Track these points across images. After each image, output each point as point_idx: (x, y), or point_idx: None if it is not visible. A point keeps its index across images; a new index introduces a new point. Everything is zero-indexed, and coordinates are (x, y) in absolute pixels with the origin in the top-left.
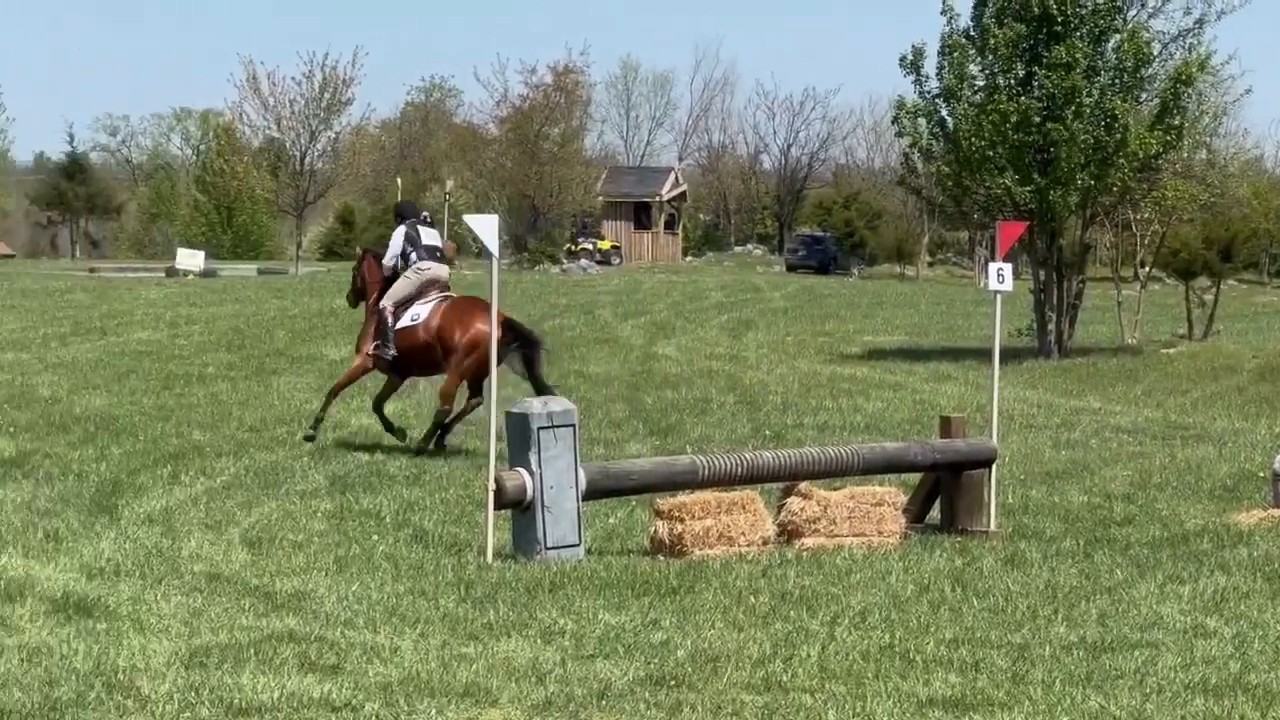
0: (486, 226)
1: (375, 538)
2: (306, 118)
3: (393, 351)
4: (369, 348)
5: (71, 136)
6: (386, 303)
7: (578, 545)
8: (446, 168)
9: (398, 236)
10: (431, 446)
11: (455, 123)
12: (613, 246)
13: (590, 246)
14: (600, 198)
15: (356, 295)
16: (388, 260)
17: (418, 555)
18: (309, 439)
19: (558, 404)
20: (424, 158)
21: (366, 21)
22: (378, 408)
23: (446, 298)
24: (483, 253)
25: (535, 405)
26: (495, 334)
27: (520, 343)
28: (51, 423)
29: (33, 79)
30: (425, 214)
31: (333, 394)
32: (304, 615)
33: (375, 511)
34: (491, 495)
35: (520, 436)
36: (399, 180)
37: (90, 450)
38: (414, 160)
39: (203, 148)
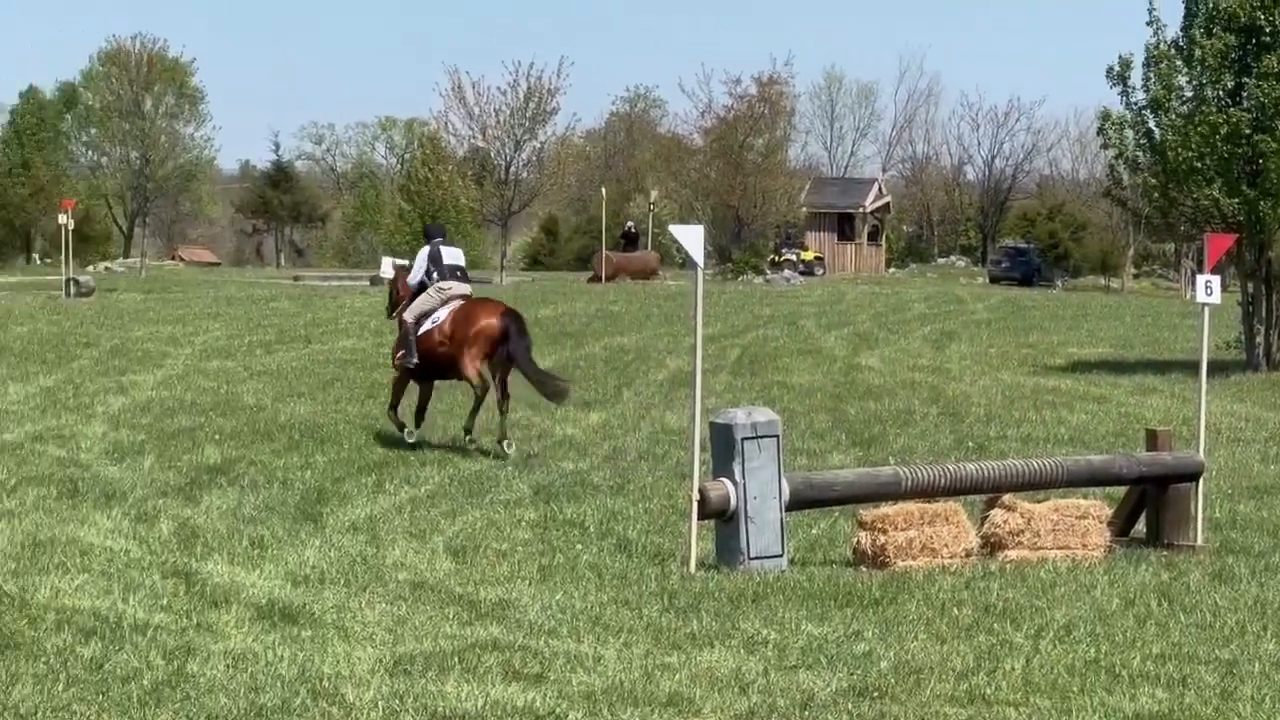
0: (692, 237)
1: (579, 547)
2: (511, 127)
3: (415, 359)
4: (397, 357)
5: (277, 145)
6: (409, 315)
7: (781, 556)
8: (651, 178)
9: (422, 256)
10: (474, 433)
11: (659, 133)
12: (816, 257)
13: (794, 257)
14: (804, 209)
15: (391, 308)
16: (412, 278)
17: (621, 564)
18: (413, 445)
19: (762, 414)
20: (628, 168)
21: (572, 31)
22: (418, 414)
23: (464, 298)
24: (687, 263)
25: (739, 415)
26: (701, 349)
27: (512, 340)
28: (257, 430)
29: (239, 87)
30: (444, 235)
31: (392, 408)
32: (508, 624)
33: (579, 521)
34: (695, 505)
35: (724, 447)
36: (603, 191)
37: (295, 458)
38: (618, 170)
39: (407, 156)
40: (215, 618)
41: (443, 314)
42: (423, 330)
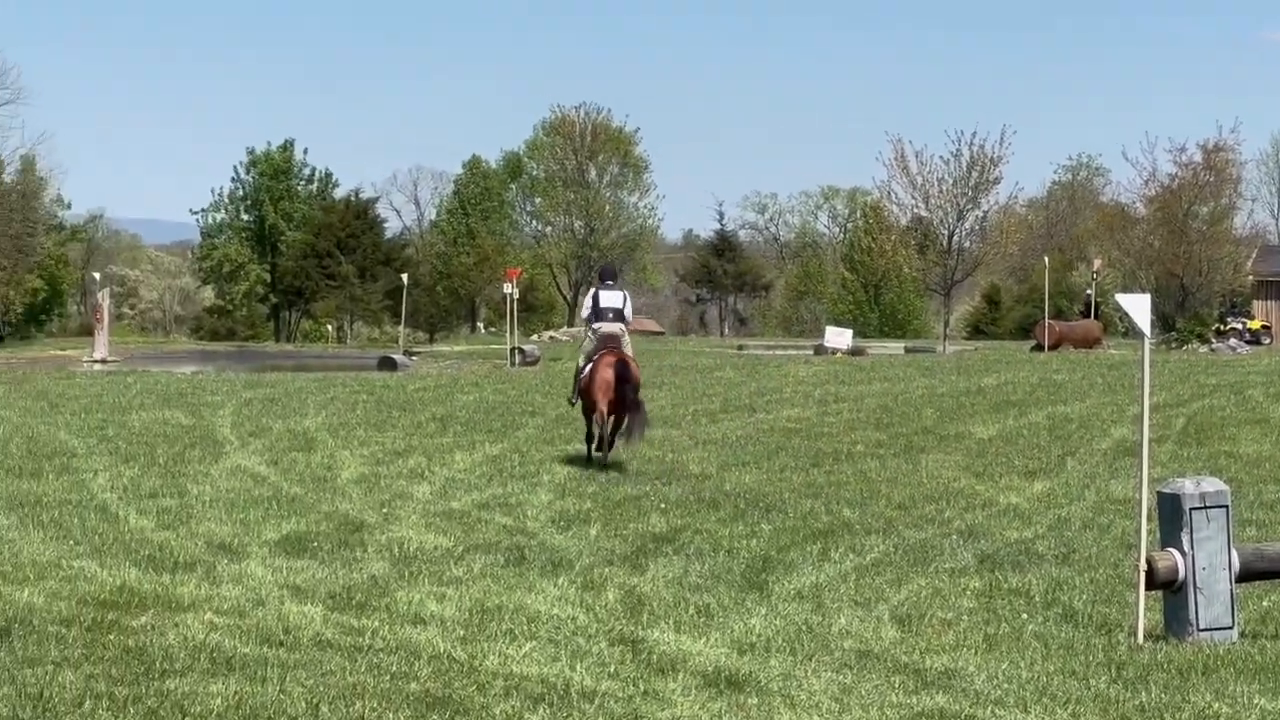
0: (1138, 306)
1: (1024, 616)
2: (954, 196)
3: (575, 399)
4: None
5: (721, 214)
6: (580, 358)
7: (1231, 628)
8: (1093, 247)
9: (587, 299)
10: (606, 457)
11: (1102, 201)
12: (1263, 326)
13: (1240, 326)
14: (1250, 277)
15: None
16: (579, 319)
17: (1067, 634)
18: (602, 465)
19: (1210, 484)
20: (1070, 236)
21: (1015, 100)
22: (588, 439)
23: (605, 354)
24: (1131, 331)
25: (1187, 485)
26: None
27: (625, 390)
28: (702, 499)
29: (682, 157)
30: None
31: (589, 439)
32: (953, 693)
33: (1024, 590)
34: (1143, 576)
35: (1172, 517)
36: (1046, 259)
37: (740, 526)
38: (1060, 239)
39: (850, 225)
40: (662, 685)
41: (589, 366)
42: (583, 370)
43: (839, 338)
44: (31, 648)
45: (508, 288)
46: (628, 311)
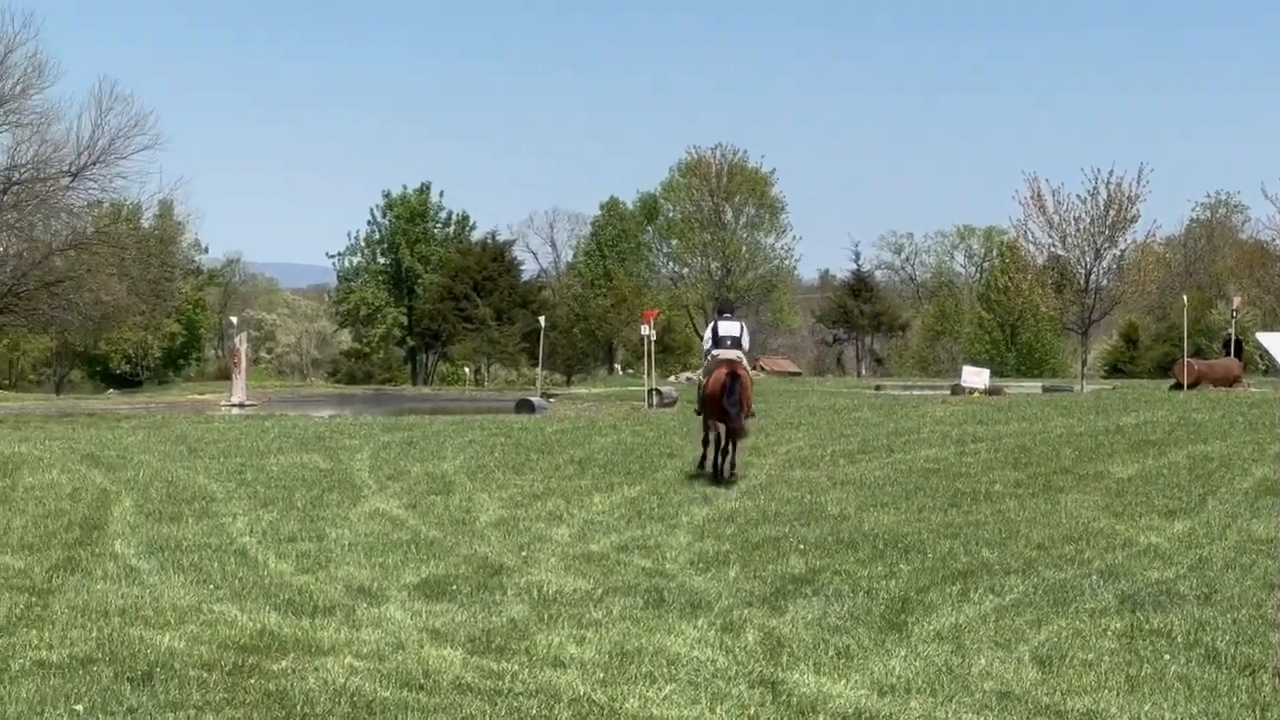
0: (1278, 344)
1: (1166, 657)
2: (1092, 235)
3: (698, 411)
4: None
5: (857, 254)
6: (701, 374)
7: None
8: (1233, 284)
9: (708, 330)
10: (728, 472)
11: (1241, 238)
12: None
13: None
14: None
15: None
16: (704, 344)
17: (1210, 675)
18: (714, 479)
19: None
20: (1209, 274)
21: (1151, 137)
22: (704, 444)
23: (726, 363)
24: (1271, 369)
25: None
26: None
27: (728, 396)
28: (840, 540)
29: (818, 198)
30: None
31: (704, 442)
32: None
33: (1166, 630)
34: None
35: None
36: (1184, 298)
37: (879, 567)
38: (1199, 276)
39: (986, 265)
40: None
41: (709, 376)
42: (704, 386)
43: (976, 377)
44: (174, 692)
45: (645, 329)
46: (745, 340)
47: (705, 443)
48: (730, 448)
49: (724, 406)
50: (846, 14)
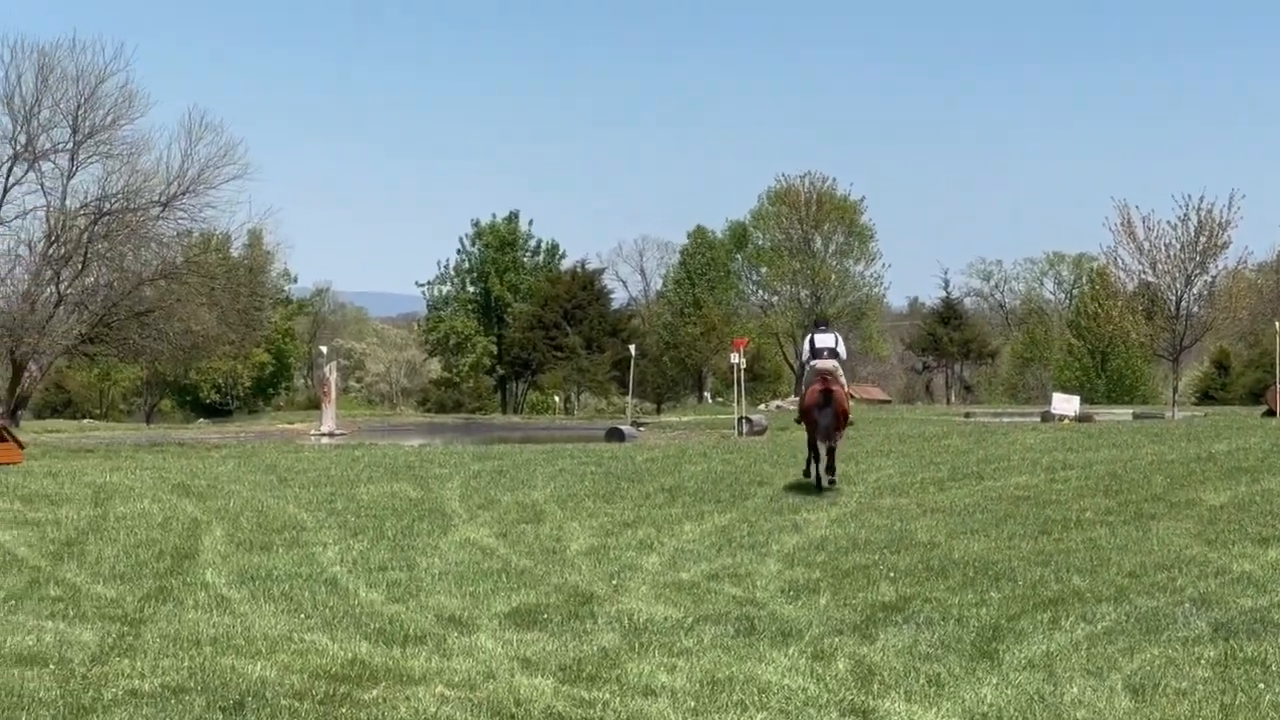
0: None
1: (1261, 686)
2: (1182, 261)
3: (799, 419)
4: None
5: (946, 282)
6: (802, 387)
7: None
8: None
9: (805, 343)
10: (825, 480)
11: None
12: None
13: None
14: None
15: (799, 382)
16: (802, 356)
17: None
18: (817, 487)
19: None
20: None
21: (1244, 162)
22: (810, 444)
23: (823, 373)
24: None
25: None
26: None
27: (827, 405)
28: (930, 567)
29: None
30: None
31: (810, 446)
32: None
33: (1260, 659)
34: None
35: None
36: (1277, 324)
37: (970, 595)
38: None
39: (1076, 291)
40: None
41: (807, 388)
42: (803, 398)
43: (1066, 404)
44: None
45: (735, 357)
46: (841, 350)
47: (812, 445)
48: (828, 455)
49: (816, 418)
50: (934, 45)
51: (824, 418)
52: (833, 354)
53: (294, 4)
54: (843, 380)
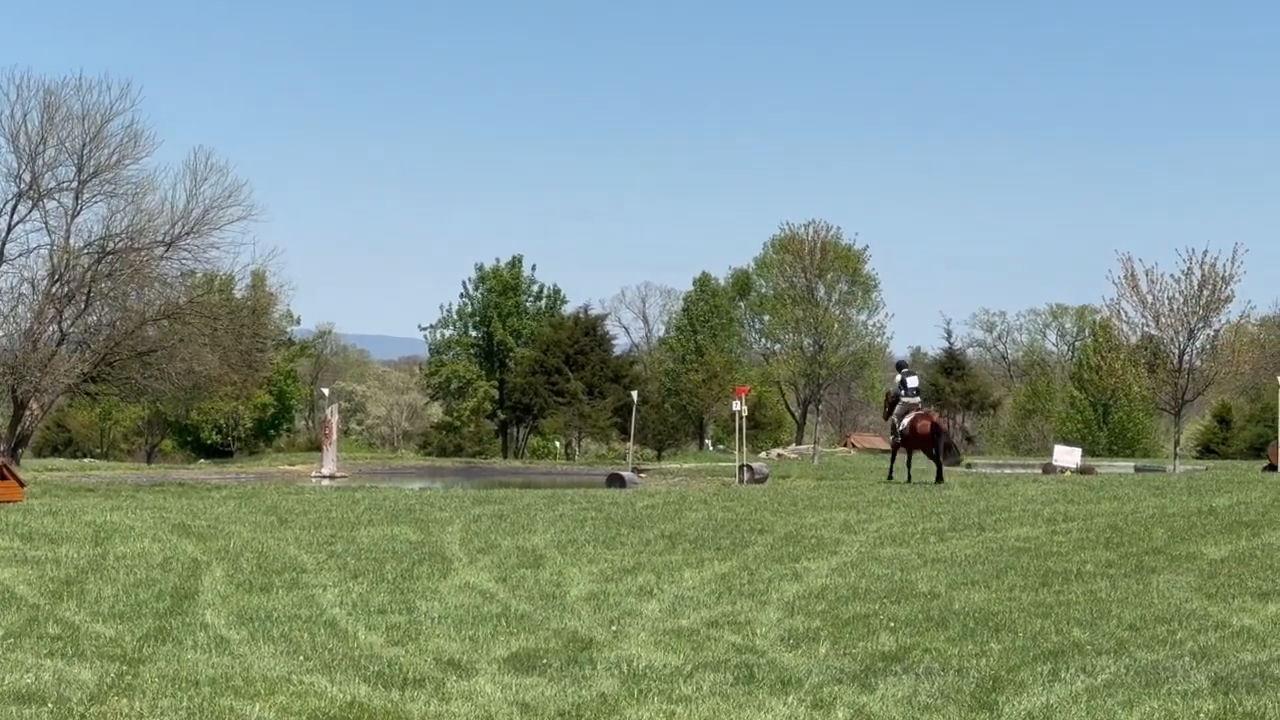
0: None
1: None
2: (1185, 315)
3: (896, 439)
4: (891, 436)
5: (949, 332)
6: (895, 415)
7: None
8: None
9: (895, 380)
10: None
11: None
12: None
13: None
14: None
15: (889, 409)
16: (891, 390)
17: None
18: (906, 480)
19: None
20: None
21: (1246, 217)
22: (891, 462)
23: (919, 415)
24: None
25: None
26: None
27: (939, 435)
28: (931, 618)
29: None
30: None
31: (892, 459)
32: None
33: (1259, 713)
34: None
35: None
36: (1279, 378)
37: (970, 645)
38: None
39: (1078, 344)
40: None
41: (908, 420)
42: (902, 426)
43: (1068, 456)
44: None
45: (736, 405)
46: (921, 388)
47: (893, 459)
48: (938, 466)
49: (934, 444)
50: (938, 97)
51: (939, 442)
52: (918, 392)
53: (302, 49)
54: (940, 418)
